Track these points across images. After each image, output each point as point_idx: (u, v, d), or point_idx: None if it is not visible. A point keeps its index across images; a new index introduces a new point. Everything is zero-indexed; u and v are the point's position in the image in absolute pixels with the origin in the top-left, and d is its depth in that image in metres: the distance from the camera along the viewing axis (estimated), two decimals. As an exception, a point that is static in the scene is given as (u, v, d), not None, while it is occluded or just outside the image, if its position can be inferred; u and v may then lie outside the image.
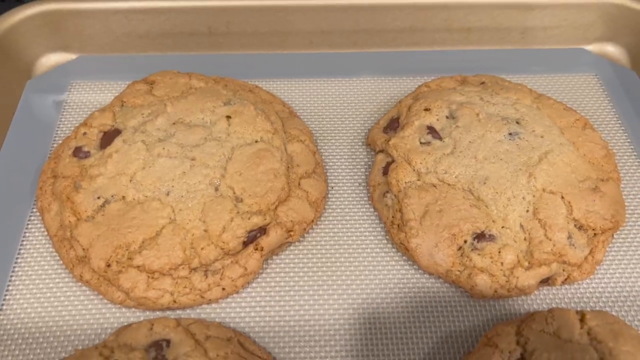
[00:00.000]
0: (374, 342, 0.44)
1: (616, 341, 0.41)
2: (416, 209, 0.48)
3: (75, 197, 0.48)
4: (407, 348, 0.44)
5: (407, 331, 0.45)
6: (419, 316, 0.46)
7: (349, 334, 0.45)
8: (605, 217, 0.48)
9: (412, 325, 0.45)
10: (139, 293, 0.45)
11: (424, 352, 0.44)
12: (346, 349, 0.44)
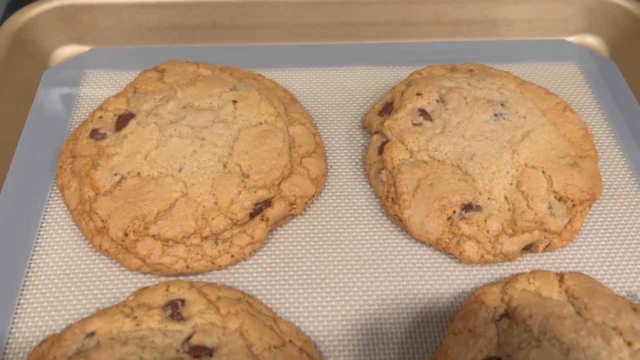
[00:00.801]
0: (370, 302, 0.48)
1: (591, 297, 0.45)
2: (409, 183, 0.52)
3: (93, 174, 0.52)
4: (400, 309, 0.48)
5: (401, 294, 0.49)
6: (411, 280, 0.50)
7: (348, 295, 0.49)
8: (583, 190, 0.52)
9: (405, 289, 0.49)
10: (155, 259, 0.48)
11: (417, 312, 0.48)
12: (345, 308, 0.48)
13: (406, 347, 0.46)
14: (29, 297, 0.48)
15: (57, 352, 0.41)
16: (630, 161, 0.59)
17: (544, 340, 0.41)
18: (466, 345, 0.43)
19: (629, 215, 0.54)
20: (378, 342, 0.46)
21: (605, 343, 0.41)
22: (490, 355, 0.42)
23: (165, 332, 0.42)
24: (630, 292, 0.50)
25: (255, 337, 0.43)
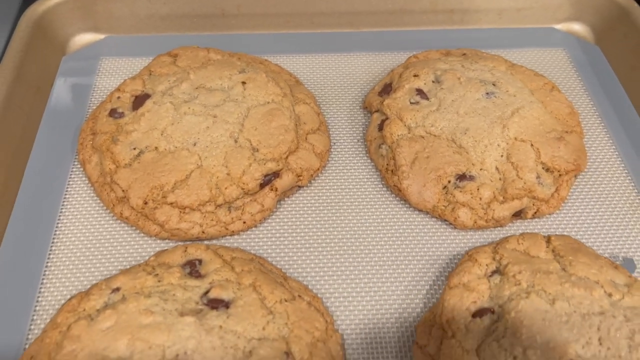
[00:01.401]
0: (372, 264, 0.52)
1: (575, 255, 0.49)
2: (407, 156, 0.56)
3: (114, 148, 0.55)
4: (400, 269, 0.52)
5: (400, 256, 0.53)
6: (410, 244, 0.53)
7: (352, 257, 0.52)
8: (569, 161, 0.56)
9: (404, 252, 0.53)
10: (173, 225, 0.52)
11: (415, 272, 0.52)
12: (349, 269, 0.51)
13: (406, 302, 0.49)
14: (55, 261, 0.51)
15: (85, 305, 0.45)
16: (614, 138, 0.63)
17: (532, 292, 0.45)
18: (461, 298, 0.46)
19: (612, 186, 0.58)
20: (379, 299, 0.50)
21: (587, 293, 0.45)
22: (483, 307, 0.46)
23: (185, 287, 0.46)
24: (612, 254, 0.53)
25: (267, 291, 0.46)
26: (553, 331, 0.42)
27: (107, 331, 0.42)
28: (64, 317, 0.45)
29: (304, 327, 0.45)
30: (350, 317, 0.49)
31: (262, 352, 0.42)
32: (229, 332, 0.43)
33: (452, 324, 0.45)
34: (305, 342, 0.44)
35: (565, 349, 0.41)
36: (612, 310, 0.44)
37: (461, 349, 0.43)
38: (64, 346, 0.42)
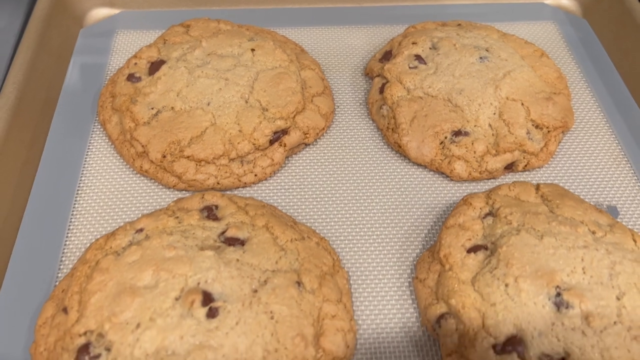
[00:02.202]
0: (374, 212, 0.56)
1: (562, 199, 0.53)
2: (406, 115, 0.60)
3: (133, 108, 0.59)
4: (400, 216, 0.55)
5: (400, 204, 0.56)
6: (409, 194, 0.57)
7: (355, 206, 0.56)
8: (557, 118, 0.60)
9: (404, 201, 0.57)
10: (190, 176, 0.56)
11: (414, 219, 0.55)
12: (354, 216, 0.55)
13: (406, 244, 0.53)
14: (80, 210, 0.55)
15: (112, 243, 0.49)
16: (600, 100, 0.66)
17: (522, 230, 0.49)
18: (457, 236, 0.50)
19: (597, 143, 0.62)
20: (381, 242, 0.53)
21: (573, 230, 0.48)
22: (477, 244, 0.49)
23: (203, 227, 0.49)
24: (597, 202, 0.57)
25: (279, 231, 0.50)
26: (541, 262, 0.46)
27: (133, 264, 0.46)
28: (92, 254, 0.48)
29: (313, 262, 0.49)
30: (355, 257, 0.52)
31: (276, 281, 0.46)
32: (245, 264, 0.46)
33: (449, 259, 0.48)
34: (314, 274, 0.47)
35: (552, 276, 0.45)
36: (595, 245, 0.47)
37: (457, 280, 0.47)
38: (94, 277, 0.45)
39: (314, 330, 0.45)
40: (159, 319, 0.42)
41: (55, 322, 0.45)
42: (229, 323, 0.43)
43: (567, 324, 0.43)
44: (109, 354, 0.42)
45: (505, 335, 0.43)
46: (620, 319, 0.43)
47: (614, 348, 0.42)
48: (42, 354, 0.44)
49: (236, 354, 0.41)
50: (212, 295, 0.44)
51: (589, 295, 0.44)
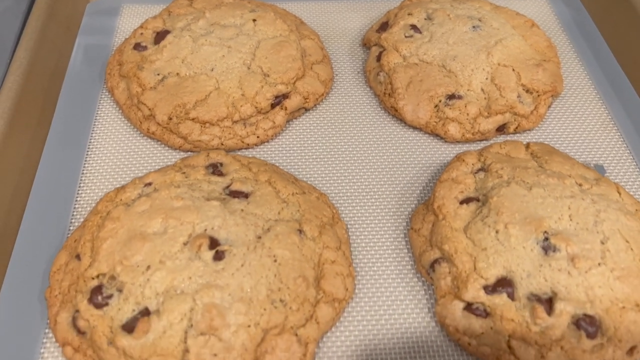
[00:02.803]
0: (372, 170, 0.58)
1: (551, 156, 0.55)
2: (403, 80, 0.62)
3: (139, 74, 0.61)
4: (397, 175, 0.58)
5: (397, 164, 0.58)
6: (405, 155, 0.59)
7: (354, 166, 0.58)
8: (546, 83, 0.62)
9: (400, 161, 0.59)
10: (195, 137, 0.58)
11: (409, 177, 0.57)
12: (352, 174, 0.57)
13: (402, 200, 0.55)
14: (90, 169, 0.57)
15: (122, 196, 0.51)
16: (588, 69, 0.69)
17: (512, 182, 0.51)
18: (450, 189, 0.52)
19: (586, 108, 0.64)
20: (379, 198, 0.56)
21: (560, 182, 0.51)
22: (469, 196, 0.52)
23: (209, 181, 0.52)
24: (585, 161, 0.59)
25: (281, 186, 0.52)
26: (530, 210, 0.48)
27: (142, 213, 0.48)
28: (103, 205, 0.51)
29: (314, 214, 0.51)
30: (353, 211, 0.55)
31: (279, 229, 0.48)
32: (249, 214, 0.49)
33: (443, 209, 0.51)
34: (315, 224, 0.50)
35: (540, 223, 0.47)
36: (581, 195, 0.50)
37: (450, 228, 0.49)
38: (105, 225, 0.48)
39: (314, 273, 0.47)
40: (168, 262, 0.45)
41: (68, 268, 0.48)
42: (235, 265, 0.45)
43: (554, 265, 0.45)
44: (120, 295, 0.44)
45: (495, 277, 0.46)
46: (604, 261, 0.46)
47: (597, 287, 0.44)
48: (56, 297, 0.47)
49: (241, 293, 0.44)
50: (218, 240, 0.46)
51: (575, 239, 0.46)
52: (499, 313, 0.44)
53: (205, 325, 0.42)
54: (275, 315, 0.44)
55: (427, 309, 0.48)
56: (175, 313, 0.43)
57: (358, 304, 0.48)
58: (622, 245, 0.47)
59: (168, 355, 0.41)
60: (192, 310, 0.43)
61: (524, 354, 0.44)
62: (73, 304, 0.45)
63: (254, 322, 0.43)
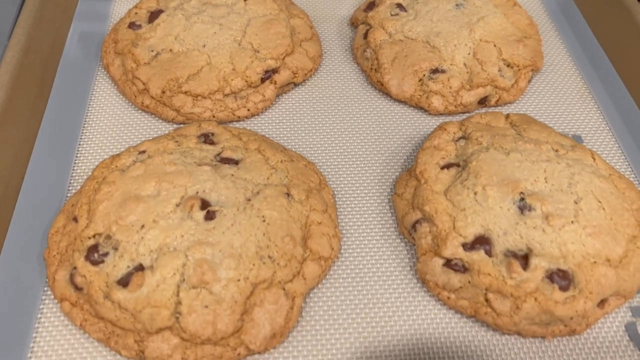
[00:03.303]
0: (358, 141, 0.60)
1: (529, 125, 0.57)
2: (388, 56, 0.64)
3: (134, 51, 0.63)
4: (382, 144, 0.60)
5: (382, 135, 0.60)
6: (390, 127, 0.61)
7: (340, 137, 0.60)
8: (527, 58, 0.64)
9: (386, 132, 0.61)
10: (187, 110, 0.60)
11: (394, 147, 0.59)
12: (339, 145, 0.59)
13: (387, 169, 0.58)
14: (86, 140, 0.59)
15: (117, 162, 0.53)
16: (568, 46, 0.71)
17: (491, 148, 0.53)
18: (432, 155, 0.54)
19: (565, 83, 0.66)
20: (364, 166, 0.58)
21: (537, 147, 0.53)
22: (450, 162, 0.54)
23: (200, 149, 0.54)
24: (563, 132, 0.61)
25: (270, 154, 0.54)
26: (507, 173, 0.50)
27: (137, 177, 0.50)
28: (99, 171, 0.53)
29: (301, 179, 0.53)
30: (340, 179, 0.57)
31: (268, 192, 0.50)
32: (239, 178, 0.51)
33: (424, 174, 0.53)
34: (302, 188, 0.52)
35: (516, 184, 0.49)
36: (557, 159, 0.52)
37: (431, 191, 0.51)
38: (101, 189, 0.50)
39: (301, 233, 0.49)
40: (161, 221, 0.47)
41: (66, 230, 0.49)
42: (225, 224, 0.47)
43: (529, 223, 0.47)
44: (116, 252, 0.46)
45: (473, 235, 0.48)
46: (577, 219, 0.48)
47: (570, 243, 0.47)
48: (55, 257, 0.48)
49: (231, 249, 0.46)
50: (209, 202, 0.48)
51: (550, 199, 0.49)
52: (477, 268, 0.47)
53: (197, 279, 0.44)
54: (264, 270, 0.46)
55: (409, 267, 0.50)
56: (168, 268, 0.45)
57: (344, 263, 0.50)
58: (594, 205, 0.49)
59: (161, 306, 0.43)
60: (184, 266, 0.45)
61: (500, 305, 0.46)
62: (70, 263, 0.47)
63: (243, 276, 0.45)
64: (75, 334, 0.45)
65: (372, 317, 0.47)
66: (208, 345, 0.43)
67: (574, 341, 0.46)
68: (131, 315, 0.44)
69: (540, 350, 0.46)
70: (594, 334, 0.47)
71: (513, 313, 0.45)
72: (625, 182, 0.53)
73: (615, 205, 0.49)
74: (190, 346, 0.43)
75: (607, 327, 0.47)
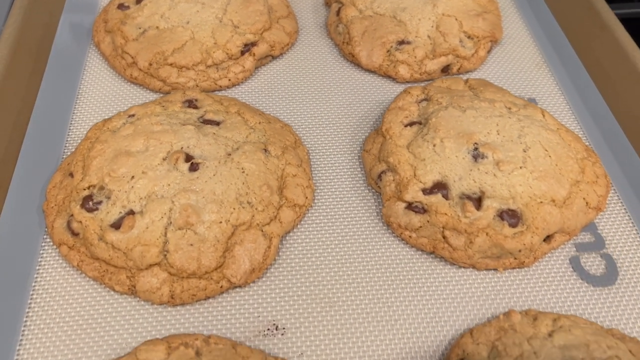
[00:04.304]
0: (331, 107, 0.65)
1: (485, 87, 0.62)
2: (359, 30, 0.69)
3: (123, 28, 0.67)
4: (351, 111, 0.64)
5: (353, 101, 0.65)
6: (360, 94, 0.66)
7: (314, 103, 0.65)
8: (486, 30, 0.69)
9: (356, 99, 0.65)
10: (173, 80, 0.64)
11: (363, 112, 0.64)
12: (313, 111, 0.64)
13: (357, 131, 0.62)
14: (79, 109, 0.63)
15: (109, 125, 0.57)
16: (527, 22, 0.76)
17: (449, 106, 0.58)
18: (396, 115, 0.59)
19: (522, 54, 0.72)
20: (337, 129, 0.62)
21: (491, 105, 0.58)
22: (413, 121, 0.59)
23: (185, 112, 0.58)
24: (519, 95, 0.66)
25: (249, 116, 0.59)
26: (463, 127, 0.55)
27: (127, 136, 0.55)
28: (92, 133, 0.57)
29: (278, 138, 0.58)
30: (314, 140, 0.61)
31: (246, 148, 0.54)
32: (220, 136, 0.55)
33: (389, 131, 0.58)
34: (278, 145, 0.56)
35: (471, 136, 0.54)
36: (509, 115, 0.57)
37: (395, 145, 0.56)
38: (95, 147, 0.54)
39: (278, 183, 0.54)
40: (149, 172, 0.51)
41: (63, 185, 0.54)
42: (208, 174, 0.51)
43: (482, 169, 0.52)
44: (108, 201, 0.50)
45: (432, 181, 0.53)
46: (525, 165, 0.53)
47: (519, 185, 0.51)
48: (53, 209, 0.53)
49: (214, 196, 0.50)
50: (193, 156, 0.53)
51: (501, 148, 0.53)
52: (435, 209, 0.51)
53: (183, 222, 0.49)
54: (243, 213, 0.50)
55: (375, 213, 0.55)
56: (157, 212, 0.49)
57: (317, 211, 0.55)
58: (541, 153, 0.54)
59: (151, 245, 0.48)
60: (171, 210, 0.49)
61: (455, 240, 0.50)
62: (67, 212, 0.51)
63: (224, 219, 0.50)
64: (73, 274, 0.50)
65: (342, 256, 0.51)
66: (193, 279, 0.48)
67: (523, 272, 0.51)
68: (123, 254, 0.48)
69: (492, 281, 0.50)
70: (541, 266, 0.52)
71: (467, 247, 0.50)
72: (572, 135, 0.58)
73: (561, 154, 0.54)
74: (177, 280, 0.48)
75: (554, 261, 0.52)
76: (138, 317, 0.47)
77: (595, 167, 0.56)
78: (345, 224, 0.54)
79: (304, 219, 0.54)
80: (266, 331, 0.47)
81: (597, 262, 0.52)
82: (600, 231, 0.54)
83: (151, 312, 0.48)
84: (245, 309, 0.48)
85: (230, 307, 0.48)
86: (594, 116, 0.64)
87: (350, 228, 0.54)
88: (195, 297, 0.48)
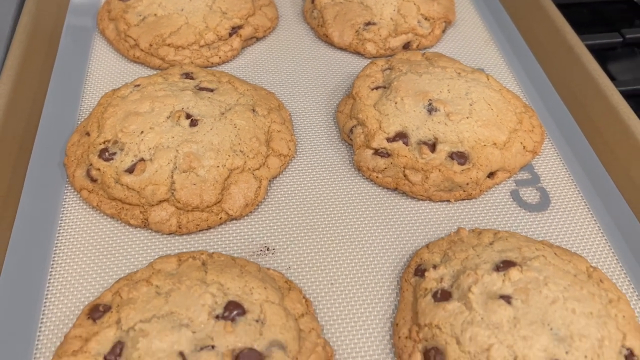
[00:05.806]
0: (309, 79, 0.74)
1: (440, 58, 0.72)
2: (331, 14, 0.79)
3: (125, 16, 0.76)
4: (325, 82, 0.74)
5: (326, 74, 0.75)
6: (333, 69, 0.75)
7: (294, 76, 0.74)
8: (440, 12, 0.79)
9: (328, 72, 0.75)
10: (171, 57, 0.73)
11: (335, 84, 0.74)
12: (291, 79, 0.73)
13: (332, 96, 0.72)
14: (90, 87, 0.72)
15: (118, 93, 0.66)
16: (477, 6, 0.86)
17: (408, 72, 0.68)
18: (365, 81, 0.69)
19: (472, 34, 0.82)
20: (314, 95, 0.72)
21: (443, 70, 0.68)
22: (378, 85, 0.68)
23: (183, 82, 0.67)
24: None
25: (238, 84, 0.68)
26: (420, 87, 0.65)
27: (135, 100, 0.63)
28: (104, 99, 0.65)
29: (264, 101, 0.67)
30: (295, 105, 0.70)
31: (237, 108, 0.63)
32: (214, 100, 0.64)
33: (359, 94, 0.67)
34: (265, 107, 0.65)
35: (426, 94, 0.64)
36: (458, 78, 0.67)
37: (364, 105, 0.65)
38: (107, 110, 0.62)
39: (265, 137, 0.63)
40: (156, 127, 0.60)
41: (80, 142, 0.62)
42: (205, 129, 0.60)
43: (435, 120, 0.62)
44: (122, 152, 0.59)
45: (394, 132, 0.62)
46: (471, 115, 0.62)
47: (465, 132, 0.61)
48: (72, 162, 0.61)
49: (211, 146, 0.59)
50: (192, 115, 0.62)
51: (451, 103, 0.63)
52: (397, 153, 0.61)
53: (186, 166, 0.57)
54: (237, 160, 0.59)
55: (348, 161, 0.64)
56: (164, 159, 0.58)
57: (299, 161, 0.64)
58: (484, 107, 0.64)
59: (160, 184, 0.56)
60: (175, 157, 0.58)
61: (414, 177, 0.60)
62: (86, 163, 0.59)
63: (221, 164, 0.58)
64: (93, 213, 0.58)
65: (320, 194, 0.60)
66: (197, 212, 0.57)
67: (471, 203, 0.61)
68: (137, 193, 0.56)
69: (446, 210, 0.60)
70: (486, 198, 0.61)
71: (424, 182, 0.60)
72: (512, 94, 0.68)
73: (502, 107, 0.64)
74: (183, 213, 0.56)
75: (497, 193, 0.62)
76: (151, 244, 0.56)
77: (532, 120, 0.66)
78: (323, 169, 0.63)
79: (288, 167, 0.63)
80: (259, 252, 0.55)
81: (533, 194, 0.62)
82: (536, 170, 0.64)
83: (162, 240, 0.56)
84: (241, 236, 0.57)
85: (228, 235, 0.57)
86: (533, 81, 0.74)
87: (327, 173, 0.63)
88: (199, 226, 0.56)
